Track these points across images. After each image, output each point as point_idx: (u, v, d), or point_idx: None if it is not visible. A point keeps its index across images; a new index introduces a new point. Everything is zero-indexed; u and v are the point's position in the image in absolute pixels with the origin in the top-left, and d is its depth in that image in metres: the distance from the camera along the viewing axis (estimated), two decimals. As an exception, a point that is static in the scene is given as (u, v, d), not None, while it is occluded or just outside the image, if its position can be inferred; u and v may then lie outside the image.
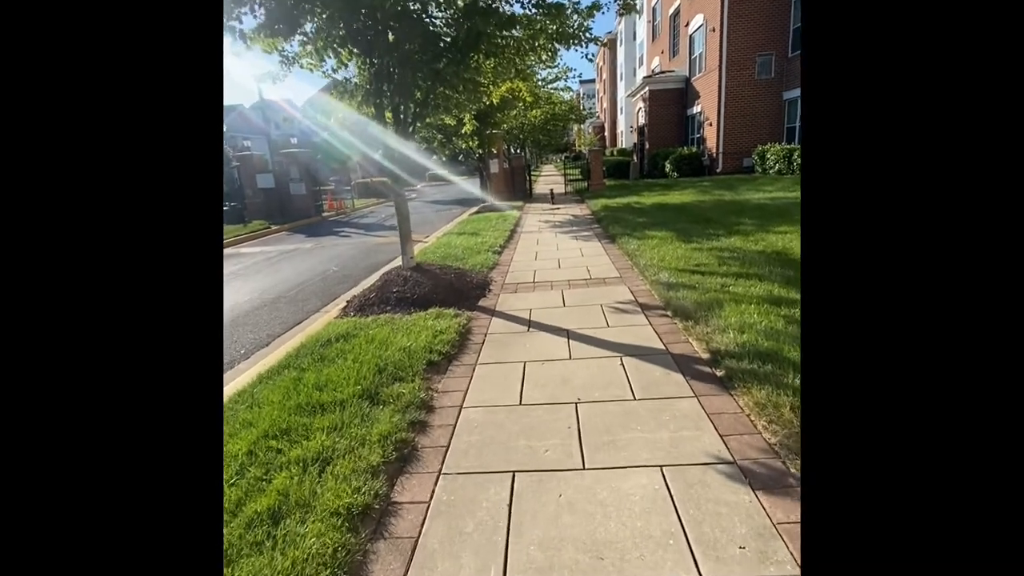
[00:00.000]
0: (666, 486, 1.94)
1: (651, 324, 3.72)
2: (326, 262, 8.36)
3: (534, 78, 12.77)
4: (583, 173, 19.44)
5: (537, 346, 3.48)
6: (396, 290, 4.80)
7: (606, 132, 41.45)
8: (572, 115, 20.27)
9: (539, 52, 5.82)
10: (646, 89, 21.47)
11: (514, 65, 6.16)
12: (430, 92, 4.93)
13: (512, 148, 19.28)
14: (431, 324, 3.92)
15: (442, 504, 1.96)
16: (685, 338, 3.40)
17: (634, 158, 23.07)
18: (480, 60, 4.86)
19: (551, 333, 3.71)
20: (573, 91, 24.39)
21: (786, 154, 14.62)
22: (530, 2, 4.82)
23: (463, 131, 8.66)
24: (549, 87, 16.23)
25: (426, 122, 5.72)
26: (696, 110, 19.59)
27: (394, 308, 4.55)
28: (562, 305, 4.39)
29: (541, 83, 15.29)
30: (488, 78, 6.36)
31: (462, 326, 3.91)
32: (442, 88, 5.09)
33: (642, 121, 23.08)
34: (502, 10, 4.68)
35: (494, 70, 6.29)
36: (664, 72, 22.18)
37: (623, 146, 32.63)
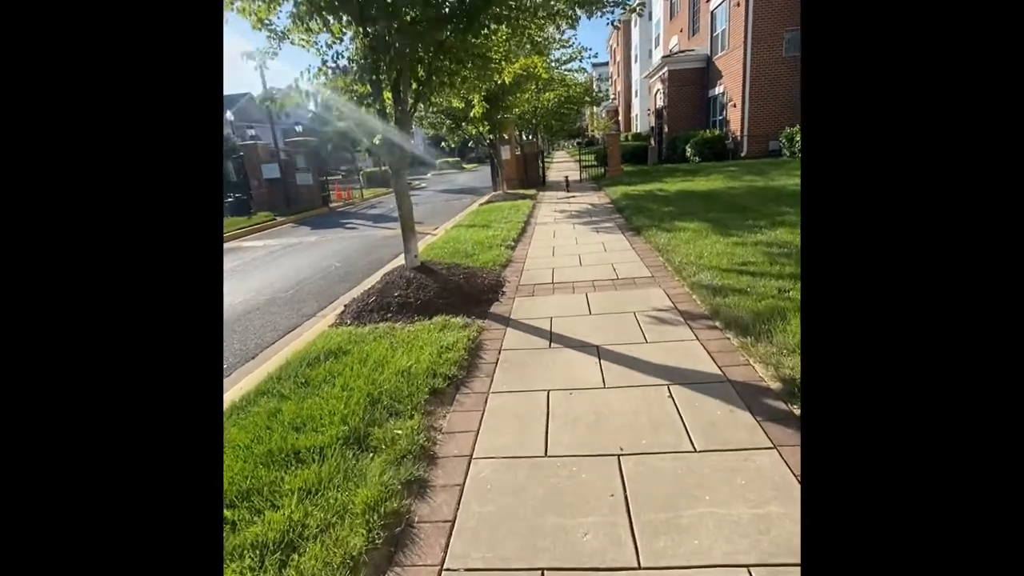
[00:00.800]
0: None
1: (699, 339, 3.10)
2: (329, 257, 7.85)
3: (548, 57, 11.99)
4: (599, 159, 18.61)
5: (562, 368, 2.89)
6: (398, 294, 4.23)
7: (620, 116, 40.15)
8: (587, 97, 19.34)
9: (557, 20, 5.14)
10: (665, 69, 20.45)
11: (529, 37, 5.48)
12: (433, 67, 4.30)
13: (524, 134, 18.46)
14: (436, 337, 3.36)
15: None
16: (745, 359, 2.78)
17: (652, 142, 22.13)
18: (489, 28, 4.20)
19: (577, 350, 3.11)
20: (588, 72, 23.30)
21: (818, 136, 13.67)
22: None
23: (472, 114, 8.00)
24: (563, 68, 15.39)
25: (431, 103, 5.08)
26: (718, 91, 18.58)
27: (395, 316, 3.99)
28: (588, 313, 3.78)
29: (555, 64, 14.48)
30: (500, 52, 5.69)
31: (472, 340, 3.34)
32: (447, 62, 4.45)
33: (660, 103, 22.07)
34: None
35: (506, 43, 5.62)
36: (684, 51, 21.12)
37: (638, 130, 31.51)
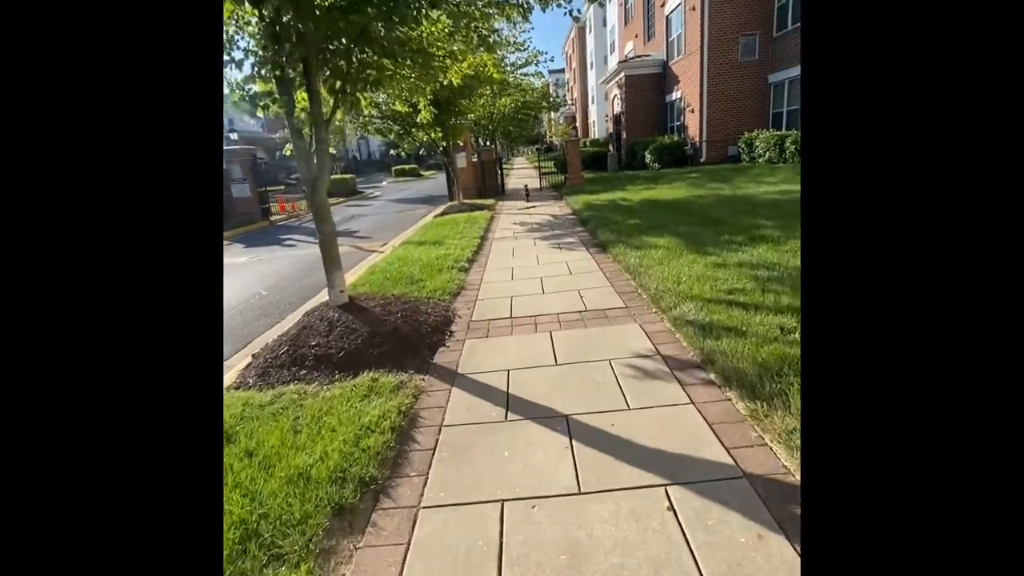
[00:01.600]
0: None
1: (694, 402, 2.42)
2: (256, 283, 6.83)
3: (501, 57, 11.30)
4: (559, 166, 18.10)
5: (521, 456, 2.14)
6: (316, 343, 3.38)
7: (578, 123, 40.11)
8: (545, 102, 18.82)
9: (507, 11, 4.44)
10: (621, 75, 20.22)
11: (475, 30, 4.76)
12: (352, 58, 3.49)
13: (481, 140, 17.72)
14: (356, 411, 2.54)
15: None
16: (758, 434, 2.11)
17: (611, 148, 21.86)
18: (422, 14, 3.44)
19: (541, 423, 2.38)
20: (544, 77, 22.86)
21: (777, 141, 13.56)
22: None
23: (420, 119, 7.22)
24: (520, 73, 14.76)
25: (361, 105, 4.25)
26: (676, 96, 18.45)
27: (310, 372, 3.14)
28: (553, 362, 3.05)
29: (511, 68, 13.83)
30: (443, 48, 4.94)
31: (404, 412, 2.54)
32: (374, 56, 3.66)
33: (618, 109, 21.85)
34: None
35: (449, 38, 4.87)
36: (640, 56, 20.98)
37: (595, 136, 31.39)
